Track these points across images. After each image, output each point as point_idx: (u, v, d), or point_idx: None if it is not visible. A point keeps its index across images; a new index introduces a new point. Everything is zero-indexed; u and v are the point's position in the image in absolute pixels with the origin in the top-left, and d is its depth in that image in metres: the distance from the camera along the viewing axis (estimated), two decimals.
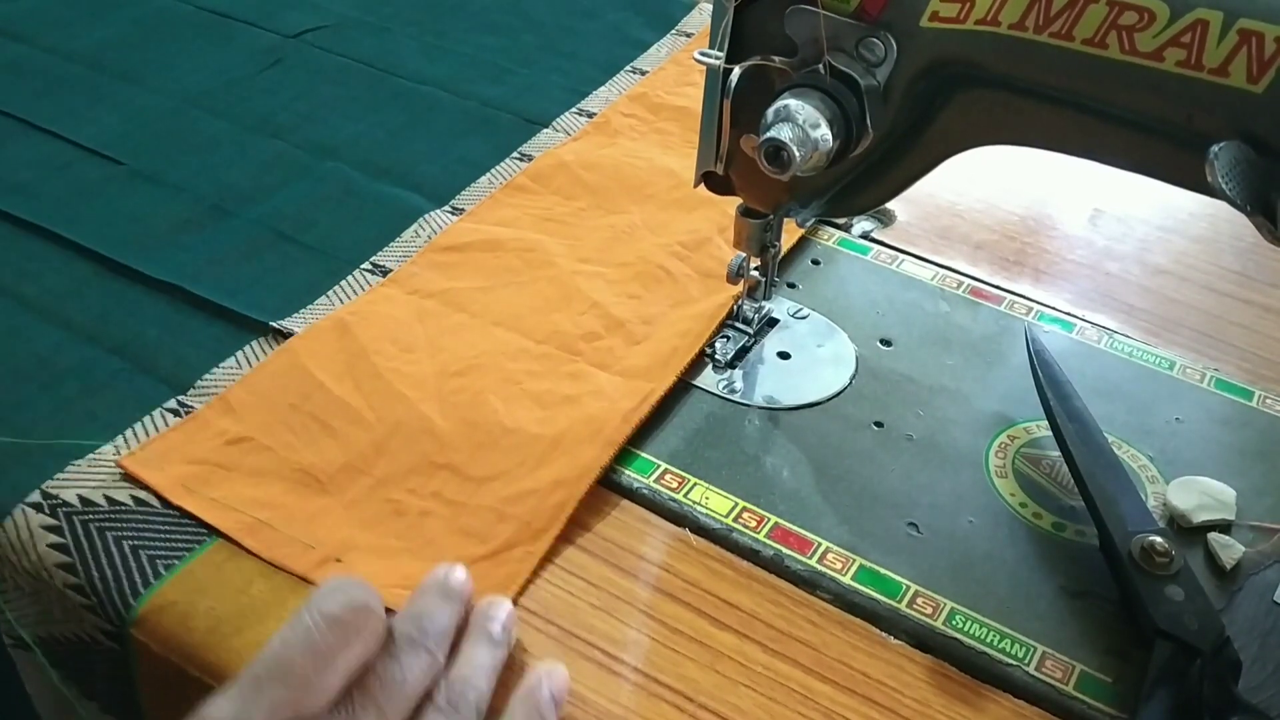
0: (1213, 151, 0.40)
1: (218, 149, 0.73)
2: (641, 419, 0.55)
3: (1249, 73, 0.40)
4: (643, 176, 0.70)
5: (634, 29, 0.86)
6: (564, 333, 0.60)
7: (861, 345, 0.60)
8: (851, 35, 0.47)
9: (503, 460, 0.53)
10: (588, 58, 0.83)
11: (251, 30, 0.85)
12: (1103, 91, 0.43)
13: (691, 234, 0.66)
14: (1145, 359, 0.61)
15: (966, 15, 0.44)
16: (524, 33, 0.86)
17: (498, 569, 0.49)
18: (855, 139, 0.48)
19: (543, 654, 0.46)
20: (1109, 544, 0.49)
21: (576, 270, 0.63)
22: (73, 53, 0.81)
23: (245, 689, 0.39)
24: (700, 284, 0.63)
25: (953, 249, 0.68)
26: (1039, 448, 0.56)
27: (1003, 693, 0.46)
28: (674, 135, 0.75)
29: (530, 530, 0.50)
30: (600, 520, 0.52)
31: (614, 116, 0.76)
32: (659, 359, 0.58)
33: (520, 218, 0.67)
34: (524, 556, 0.49)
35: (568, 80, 0.80)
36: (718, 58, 0.50)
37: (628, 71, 0.81)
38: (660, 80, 0.80)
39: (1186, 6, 0.40)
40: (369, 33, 0.85)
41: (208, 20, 0.86)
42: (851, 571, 0.50)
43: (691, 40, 0.84)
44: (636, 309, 0.61)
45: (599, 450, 0.53)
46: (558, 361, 0.58)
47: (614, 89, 0.79)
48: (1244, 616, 0.48)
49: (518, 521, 0.50)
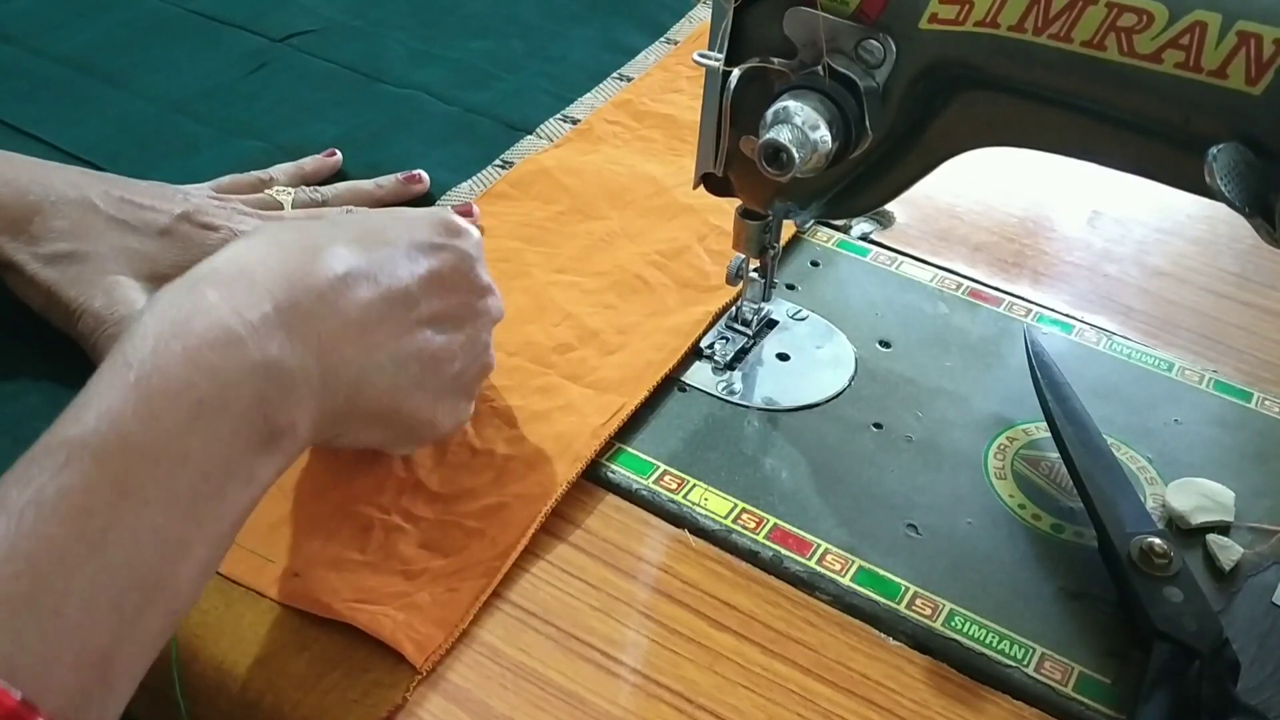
0: (1211, 153, 0.40)
1: (198, 153, 0.72)
2: (610, 434, 0.54)
3: (1247, 74, 0.40)
4: (623, 182, 0.70)
5: (623, 35, 0.85)
6: (536, 344, 0.59)
7: (860, 347, 0.61)
8: (850, 37, 0.47)
9: (471, 480, 0.52)
10: (575, 63, 0.82)
11: (239, 33, 0.84)
12: (1101, 93, 0.43)
13: (670, 242, 0.65)
14: (1144, 361, 0.61)
15: (965, 17, 0.45)
16: (513, 38, 0.85)
17: (462, 584, 0.48)
18: (854, 141, 0.48)
19: (542, 654, 0.46)
20: (1108, 545, 0.49)
21: (552, 281, 0.63)
22: (59, 55, 0.80)
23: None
24: (678, 294, 0.62)
25: (952, 251, 0.68)
26: (1038, 449, 0.56)
27: (1001, 694, 0.46)
28: (658, 143, 0.74)
29: (496, 546, 0.50)
30: (599, 522, 0.52)
31: (598, 123, 0.75)
32: (632, 372, 0.57)
33: (498, 226, 0.66)
34: (488, 572, 0.49)
35: (554, 86, 0.80)
36: (717, 59, 0.50)
37: (614, 78, 0.80)
38: (646, 87, 0.79)
39: (1185, 8, 0.40)
40: (355, 37, 0.84)
41: (196, 23, 0.85)
42: (850, 573, 0.50)
43: (679, 47, 0.83)
44: (612, 319, 0.61)
45: (566, 466, 0.52)
46: (528, 375, 0.57)
47: (600, 95, 0.78)
48: (1242, 618, 0.48)
49: (484, 538, 0.50)
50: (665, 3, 0.89)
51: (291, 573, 0.48)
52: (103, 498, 0.35)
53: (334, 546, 0.49)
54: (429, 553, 0.49)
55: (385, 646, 0.46)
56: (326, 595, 0.47)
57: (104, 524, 0.35)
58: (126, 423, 0.36)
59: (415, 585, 0.48)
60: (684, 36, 0.84)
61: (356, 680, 0.45)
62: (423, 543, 0.50)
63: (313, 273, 0.42)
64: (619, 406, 0.55)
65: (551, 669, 0.46)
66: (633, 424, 0.55)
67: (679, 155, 0.72)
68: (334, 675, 0.45)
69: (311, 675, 0.45)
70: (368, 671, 0.45)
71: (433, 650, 0.46)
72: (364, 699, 0.45)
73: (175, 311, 0.39)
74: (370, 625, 0.46)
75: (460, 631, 0.47)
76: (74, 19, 0.84)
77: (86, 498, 0.35)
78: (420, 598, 0.48)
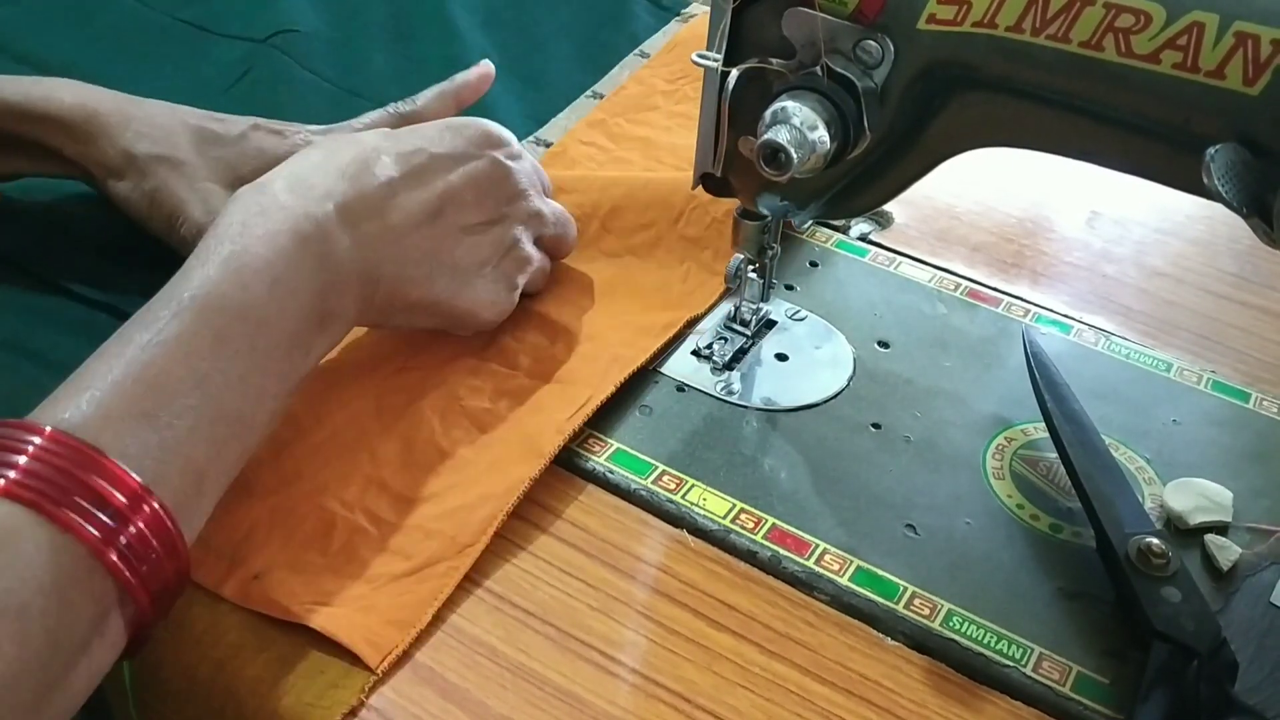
0: (1209, 154, 0.40)
1: None
2: (575, 429, 0.54)
3: (1245, 75, 0.40)
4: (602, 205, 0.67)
5: (597, 49, 0.84)
6: (506, 349, 0.58)
7: (859, 347, 0.61)
8: (849, 37, 0.47)
9: (436, 483, 0.52)
10: (549, 82, 0.81)
11: (224, 42, 0.83)
12: (1099, 94, 0.43)
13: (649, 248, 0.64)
14: (1142, 361, 0.61)
15: (963, 17, 0.45)
16: (490, 52, 0.82)
17: (420, 585, 0.48)
18: (853, 141, 0.48)
19: (541, 654, 0.46)
20: (1106, 545, 0.49)
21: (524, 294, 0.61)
22: (43, 62, 0.78)
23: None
24: (651, 298, 0.62)
25: (950, 251, 0.68)
26: (1036, 449, 0.56)
27: (1000, 694, 0.46)
28: (635, 164, 0.72)
29: (455, 545, 0.49)
30: (598, 521, 0.52)
31: (572, 145, 0.73)
32: (599, 367, 0.57)
33: None
34: (447, 572, 0.48)
35: (527, 107, 0.78)
36: (716, 59, 0.50)
37: (588, 96, 0.78)
38: (620, 104, 0.77)
39: (1183, 9, 0.40)
40: (338, 48, 0.83)
41: (181, 31, 0.84)
42: (849, 573, 0.50)
43: (652, 60, 0.81)
44: (582, 315, 0.60)
45: (530, 464, 0.52)
46: (501, 379, 0.57)
47: (573, 115, 0.76)
48: (1241, 618, 0.48)
49: (443, 537, 0.50)
50: (639, 15, 0.88)
51: (252, 575, 0.48)
52: (205, 344, 0.44)
53: (295, 548, 0.49)
54: (390, 555, 0.49)
55: (343, 648, 0.45)
56: (285, 598, 0.47)
57: (206, 367, 0.43)
58: (222, 288, 0.44)
59: (373, 587, 0.48)
60: (656, 50, 0.83)
61: (312, 682, 0.45)
62: (384, 546, 0.50)
63: (363, 181, 0.50)
64: (585, 400, 0.55)
65: (550, 669, 0.46)
66: (632, 424, 0.55)
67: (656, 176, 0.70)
68: (290, 678, 0.45)
69: (268, 678, 0.45)
70: (323, 673, 0.45)
71: (390, 651, 0.45)
72: (319, 701, 0.44)
73: (255, 205, 0.47)
74: (326, 627, 0.46)
75: (418, 633, 0.46)
76: (58, 26, 0.83)
77: (193, 342, 0.43)
78: (377, 599, 0.47)
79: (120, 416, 0.41)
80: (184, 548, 0.42)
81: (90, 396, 0.41)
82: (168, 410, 0.42)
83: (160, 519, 0.40)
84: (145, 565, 0.40)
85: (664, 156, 0.72)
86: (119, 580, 0.39)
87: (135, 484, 0.40)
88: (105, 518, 0.39)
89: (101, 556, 0.38)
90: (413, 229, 0.52)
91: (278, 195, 0.48)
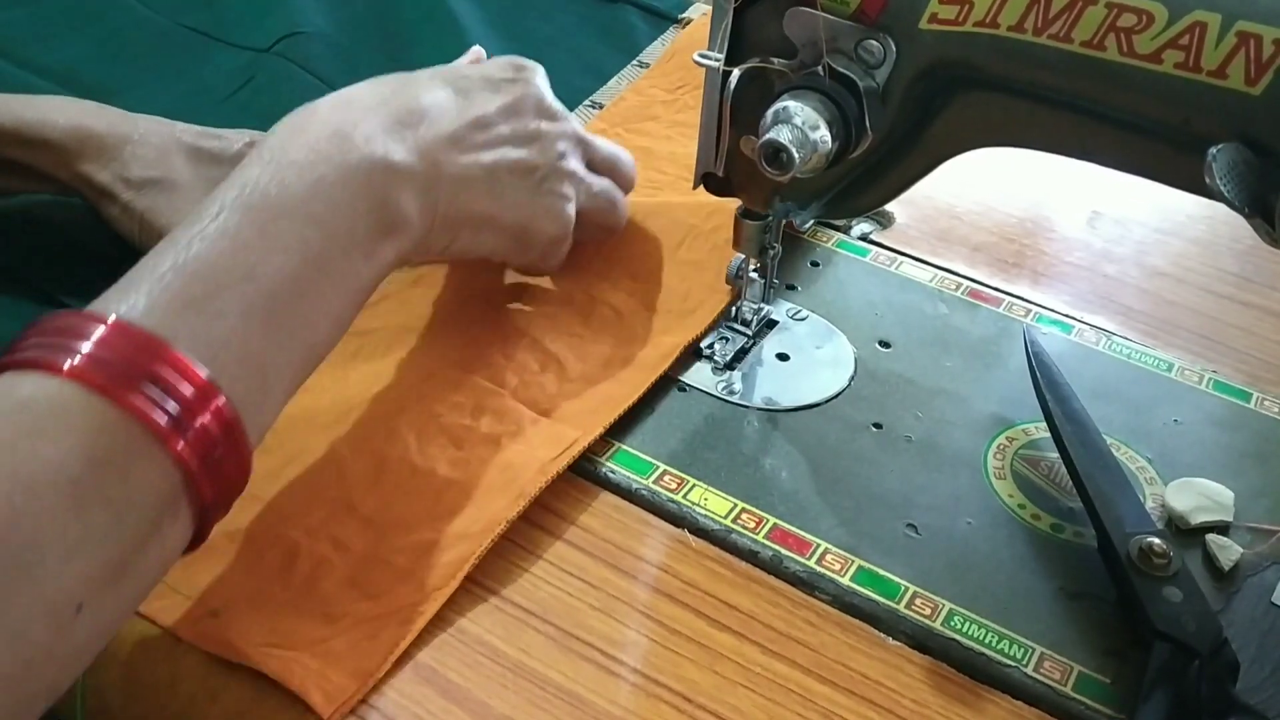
0: (1211, 153, 0.40)
1: None
2: (559, 471, 0.51)
3: (1247, 75, 0.40)
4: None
5: (596, 58, 0.83)
6: (493, 364, 0.57)
7: (860, 347, 0.61)
8: (850, 37, 0.47)
9: (407, 506, 0.50)
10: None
11: (228, 49, 0.82)
12: (1101, 93, 0.43)
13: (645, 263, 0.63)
14: (1143, 361, 0.61)
15: (965, 17, 0.45)
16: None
17: (384, 630, 0.46)
18: (854, 141, 0.48)
19: (542, 654, 0.46)
20: (1107, 545, 0.49)
21: (517, 308, 0.61)
22: (45, 68, 0.78)
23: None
24: (650, 322, 0.60)
25: (951, 251, 0.68)
26: (1037, 449, 0.56)
27: (1001, 693, 0.46)
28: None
29: (424, 590, 0.47)
30: (599, 521, 0.52)
31: None
32: (589, 406, 0.55)
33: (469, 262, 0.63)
34: (413, 617, 0.46)
35: None
36: (717, 59, 0.50)
37: (587, 105, 0.78)
38: (619, 114, 0.76)
39: (1185, 8, 0.40)
40: (342, 53, 0.82)
41: (185, 37, 0.84)
42: (850, 572, 0.50)
43: (651, 70, 0.81)
44: (576, 346, 0.58)
45: (509, 503, 0.50)
46: (484, 394, 0.55)
47: None
48: (1242, 618, 0.48)
49: (413, 581, 0.48)
50: (637, 25, 0.87)
51: (209, 611, 0.46)
52: (250, 238, 0.43)
53: (255, 580, 0.47)
54: (354, 592, 0.47)
55: (296, 695, 0.44)
56: (239, 639, 0.45)
57: (253, 259, 0.43)
58: (264, 187, 0.45)
59: (335, 629, 0.46)
60: (655, 59, 0.82)
61: None
62: (349, 579, 0.48)
63: (410, 99, 0.52)
64: (571, 441, 0.53)
65: (551, 668, 0.46)
66: (632, 424, 0.55)
67: (657, 188, 0.69)
68: None
69: None
70: None
71: (343, 702, 0.44)
72: None
73: (295, 121, 0.49)
74: (280, 673, 0.44)
75: (375, 681, 0.45)
76: (62, 31, 0.83)
77: (237, 237, 0.43)
78: (337, 644, 0.45)
79: (166, 305, 0.40)
80: (247, 447, 0.41)
81: (145, 289, 0.41)
82: (216, 298, 0.41)
83: (224, 414, 0.40)
84: (210, 460, 0.40)
85: (664, 166, 0.71)
86: (186, 471, 0.39)
87: (202, 379, 0.39)
88: (171, 408, 0.38)
89: (169, 444, 0.38)
90: (464, 141, 0.53)
91: (318, 111, 0.49)
